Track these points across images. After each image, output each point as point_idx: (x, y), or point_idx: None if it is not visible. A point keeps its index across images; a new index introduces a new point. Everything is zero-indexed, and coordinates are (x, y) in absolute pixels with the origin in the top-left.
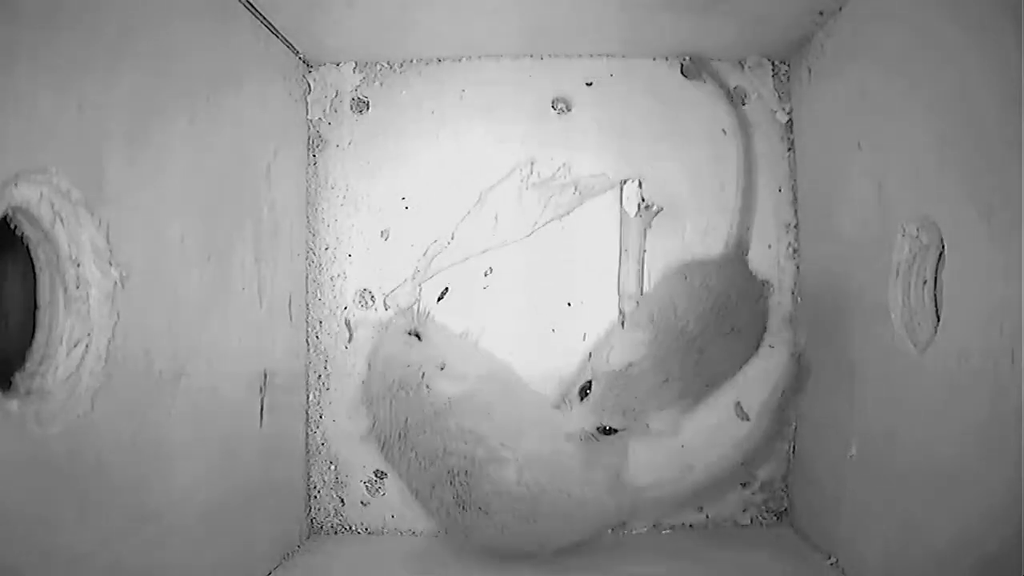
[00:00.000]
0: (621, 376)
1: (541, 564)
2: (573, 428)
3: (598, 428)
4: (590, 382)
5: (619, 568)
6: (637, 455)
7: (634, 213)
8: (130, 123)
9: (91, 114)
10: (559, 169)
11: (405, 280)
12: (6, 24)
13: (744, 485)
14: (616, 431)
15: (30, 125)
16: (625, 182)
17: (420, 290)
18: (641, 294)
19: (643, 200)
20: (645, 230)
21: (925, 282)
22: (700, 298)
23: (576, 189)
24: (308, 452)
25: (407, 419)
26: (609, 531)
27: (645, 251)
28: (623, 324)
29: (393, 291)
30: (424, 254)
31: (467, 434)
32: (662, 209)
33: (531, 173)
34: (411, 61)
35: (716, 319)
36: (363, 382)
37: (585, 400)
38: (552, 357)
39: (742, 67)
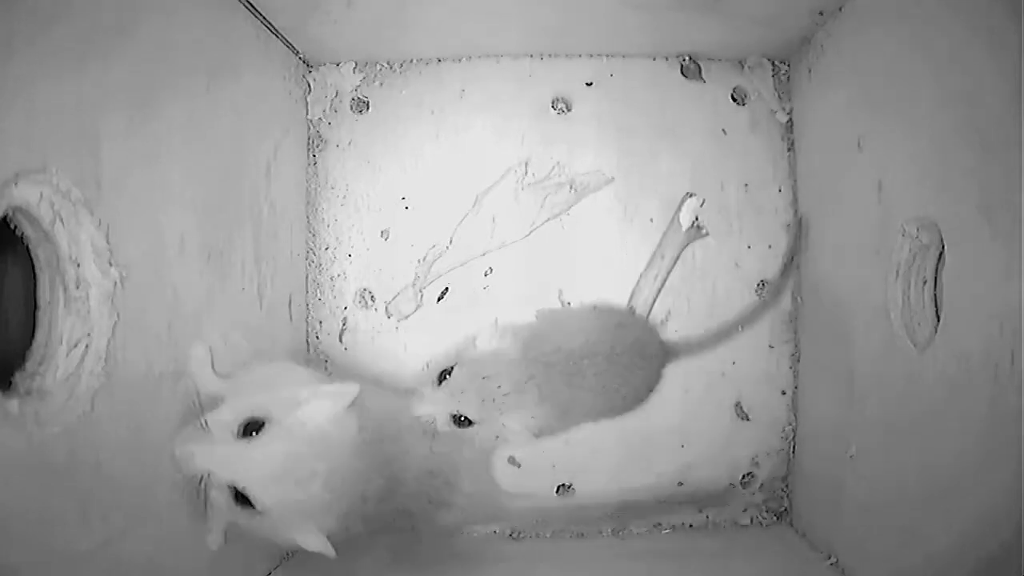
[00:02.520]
0: (485, 362)
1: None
2: (423, 412)
3: (452, 417)
4: (452, 367)
5: (619, 568)
6: (637, 455)
7: (685, 228)
8: (130, 122)
9: (91, 113)
10: (554, 168)
11: (406, 287)
12: (4, 21)
13: (744, 485)
14: (471, 423)
15: (29, 124)
16: (691, 195)
17: (421, 296)
18: (653, 300)
19: (697, 219)
20: (685, 246)
21: (925, 282)
22: (600, 337)
23: (571, 187)
24: None
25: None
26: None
27: (674, 265)
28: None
29: (394, 298)
30: (423, 259)
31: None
32: (708, 235)
33: (526, 173)
34: (411, 61)
35: (604, 363)
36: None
37: (444, 384)
38: None
39: (742, 67)
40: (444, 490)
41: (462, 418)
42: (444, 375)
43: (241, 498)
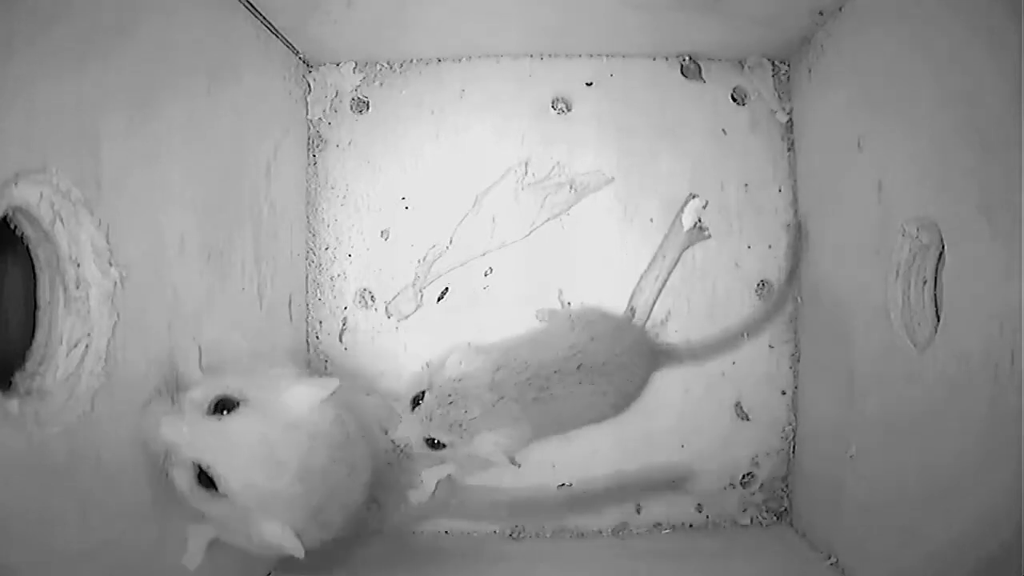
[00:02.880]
0: (453, 387)
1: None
2: (399, 437)
3: (425, 440)
4: (424, 392)
5: (619, 568)
6: (638, 455)
7: (687, 228)
8: (130, 122)
9: (91, 113)
10: (554, 168)
11: (406, 287)
12: (4, 21)
13: (744, 485)
14: (443, 445)
15: (29, 124)
16: (694, 196)
17: (421, 296)
18: (654, 301)
19: (700, 221)
20: (687, 247)
21: (925, 282)
22: (569, 352)
23: (572, 187)
24: None
25: None
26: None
27: (675, 266)
28: (631, 319)
29: (394, 298)
30: (423, 259)
31: None
32: (710, 237)
33: (526, 173)
34: (411, 61)
35: (578, 373)
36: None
37: (416, 410)
38: None
39: (742, 67)
40: (406, 485)
41: (435, 441)
42: (417, 400)
43: (205, 479)
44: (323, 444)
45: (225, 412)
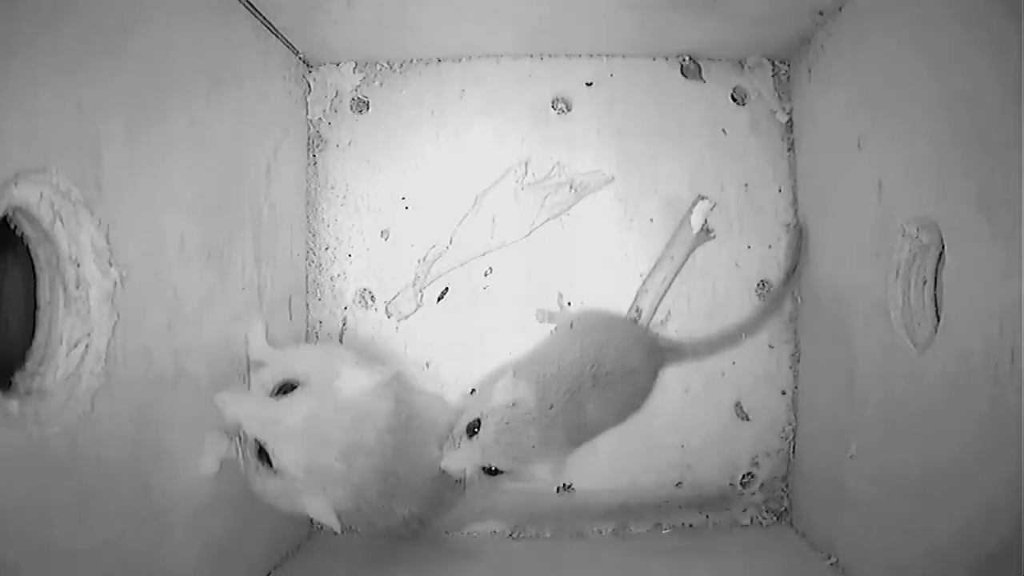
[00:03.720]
0: (508, 414)
1: (540, 563)
2: (455, 466)
3: (483, 468)
4: (479, 420)
5: (619, 568)
6: (638, 455)
7: (695, 230)
8: (130, 122)
9: (91, 114)
10: (554, 168)
11: (406, 287)
12: (5, 22)
13: (744, 485)
14: (500, 472)
15: (29, 124)
16: (703, 198)
17: (421, 296)
18: (659, 302)
19: (707, 223)
20: (694, 249)
21: (925, 282)
22: (586, 355)
23: (572, 187)
24: None
25: None
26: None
27: (682, 267)
28: (635, 321)
29: (394, 298)
30: (423, 259)
31: None
32: (715, 238)
33: (526, 173)
34: (411, 61)
35: (595, 382)
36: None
37: (474, 438)
38: None
39: (742, 67)
40: (448, 493)
41: (492, 469)
42: (473, 428)
43: (264, 455)
44: (371, 427)
45: (286, 395)
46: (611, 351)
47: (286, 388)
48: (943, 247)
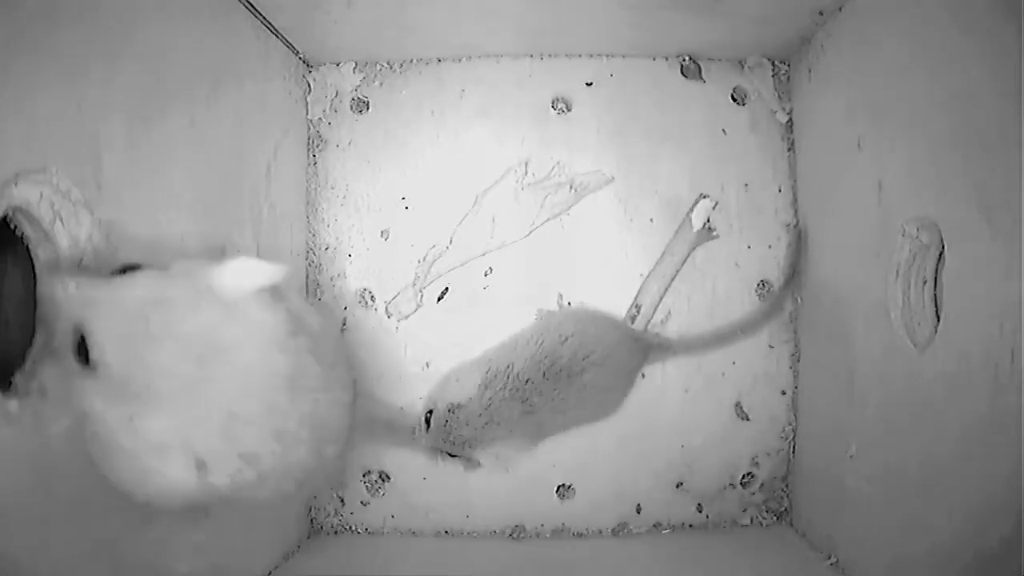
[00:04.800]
0: (450, 413)
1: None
2: (424, 447)
3: (439, 452)
4: (431, 412)
5: (619, 568)
6: (637, 455)
7: (696, 228)
8: (130, 122)
9: (91, 114)
10: (554, 168)
11: (406, 287)
12: (6, 23)
13: (744, 485)
14: (455, 456)
15: (30, 125)
16: (705, 196)
17: (421, 296)
18: (659, 301)
19: (708, 221)
20: (695, 247)
21: (925, 282)
22: (542, 350)
23: (572, 187)
24: None
25: None
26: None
27: (682, 265)
28: (634, 319)
29: (394, 298)
30: (423, 259)
31: None
32: (718, 237)
33: (526, 173)
34: (411, 61)
35: (547, 381)
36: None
37: (429, 429)
38: None
39: (742, 67)
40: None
41: (448, 452)
42: (427, 419)
43: (83, 349)
44: (255, 335)
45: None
46: (571, 347)
47: (127, 269)
48: (943, 247)
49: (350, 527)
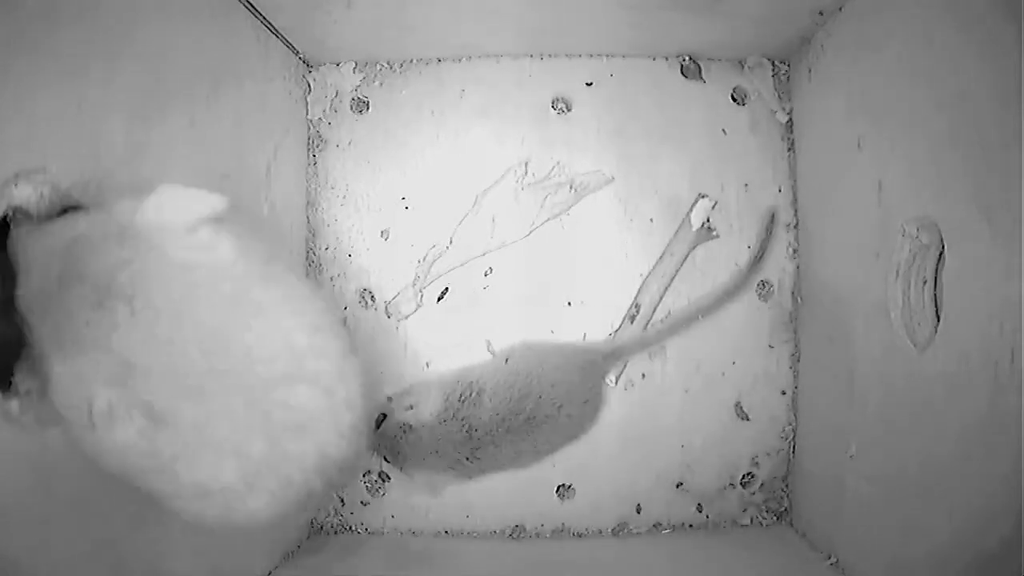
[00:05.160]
0: (401, 431)
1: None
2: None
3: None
4: (384, 416)
5: (619, 568)
6: (637, 455)
7: (696, 228)
8: (130, 123)
9: (91, 114)
10: (554, 168)
11: (406, 287)
12: (6, 23)
13: (744, 485)
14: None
15: (30, 125)
16: (704, 196)
17: (421, 296)
18: (659, 300)
19: (708, 220)
20: (694, 247)
21: (925, 282)
22: (514, 408)
23: (572, 187)
24: None
25: None
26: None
27: (682, 264)
28: (633, 319)
29: (394, 298)
30: (423, 259)
31: None
32: (718, 237)
33: (526, 173)
34: (411, 61)
35: (517, 432)
36: None
37: (377, 431)
38: None
39: (742, 67)
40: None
41: (384, 457)
42: (379, 422)
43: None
44: (199, 272)
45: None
46: (532, 398)
47: (71, 209)
48: (943, 247)
49: (350, 527)
